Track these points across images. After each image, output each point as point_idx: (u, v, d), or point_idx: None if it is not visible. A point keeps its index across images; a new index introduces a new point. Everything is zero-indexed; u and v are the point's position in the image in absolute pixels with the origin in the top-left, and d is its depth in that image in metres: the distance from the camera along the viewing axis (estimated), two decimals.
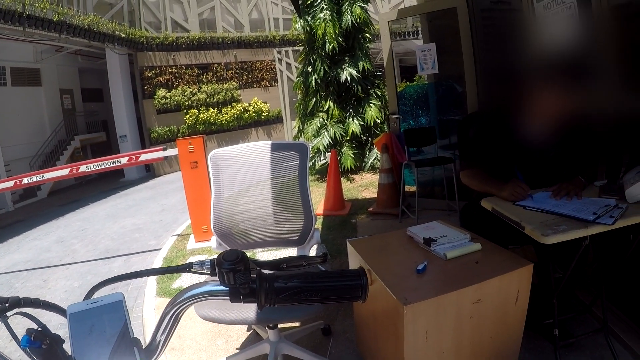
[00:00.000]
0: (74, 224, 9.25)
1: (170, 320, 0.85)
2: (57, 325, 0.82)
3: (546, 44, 3.09)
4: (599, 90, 2.67)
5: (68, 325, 0.78)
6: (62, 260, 6.30)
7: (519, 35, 3.59)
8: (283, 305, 0.80)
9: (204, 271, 0.90)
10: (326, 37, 8.35)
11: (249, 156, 2.37)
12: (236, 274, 0.77)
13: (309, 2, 8.60)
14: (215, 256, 0.84)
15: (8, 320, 0.89)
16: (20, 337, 0.83)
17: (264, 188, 2.36)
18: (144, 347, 0.83)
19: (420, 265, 1.93)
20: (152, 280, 4.36)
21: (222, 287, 0.81)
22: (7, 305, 0.87)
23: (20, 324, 0.85)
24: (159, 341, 0.85)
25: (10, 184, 5.70)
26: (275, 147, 2.35)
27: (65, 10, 13.47)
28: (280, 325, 2.52)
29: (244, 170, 2.36)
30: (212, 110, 18.77)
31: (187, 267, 0.91)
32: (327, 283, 0.82)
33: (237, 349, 2.93)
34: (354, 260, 2.30)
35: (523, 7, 3.42)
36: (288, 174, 2.33)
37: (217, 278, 0.82)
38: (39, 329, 0.82)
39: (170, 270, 0.96)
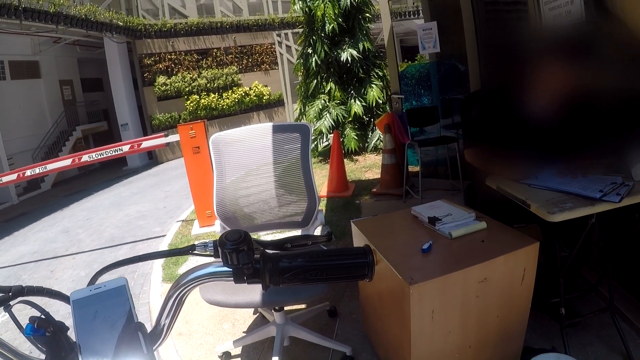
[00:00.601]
0: (78, 214, 9.28)
1: (174, 303, 0.84)
2: (66, 314, 0.82)
3: (550, 20, 3.04)
4: (603, 68, 2.63)
5: (72, 311, 0.78)
6: (68, 250, 6.34)
7: (522, 11, 3.54)
8: (288, 285, 0.78)
9: (207, 253, 0.88)
10: (326, 18, 8.29)
11: (251, 139, 2.35)
12: (239, 254, 0.75)
13: None
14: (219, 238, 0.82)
15: (12, 310, 0.88)
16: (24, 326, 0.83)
17: (266, 171, 2.35)
18: (148, 332, 0.82)
19: (425, 244, 1.92)
20: (157, 266, 4.37)
21: (225, 268, 0.80)
22: (10, 294, 0.86)
23: (31, 313, 0.84)
24: (164, 325, 0.85)
25: (14, 176, 5.71)
26: (277, 129, 2.33)
27: (62, 1, 13.34)
28: (286, 308, 2.52)
29: (246, 154, 2.35)
30: (212, 95, 18.66)
31: (190, 249, 0.89)
32: (333, 262, 0.80)
33: (243, 332, 2.95)
34: (359, 241, 2.30)
35: None
36: (290, 155, 2.31)
37: (220, 260, 0.80)
38: (42, 316, 0.82)
39: (173, 253, 0.94)
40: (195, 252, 0.89)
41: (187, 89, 18.11)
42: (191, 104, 18.06)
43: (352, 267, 0.80)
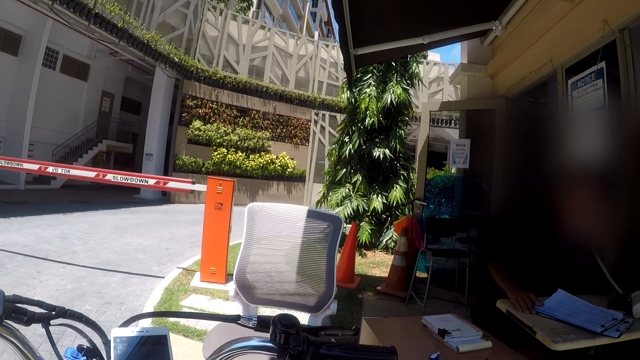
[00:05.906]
0: (80, 224, 9.28)
1: None
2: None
3: (578, 150, 3.20)
4: (628, 202, 2.76)
5: (112, 346, 0.83)
6: (60, 257, 6.26)
7: (552, 140, 3.70)
8: None
9: (250, 325, 0.95)
10: (368, 112, 8.61)
11: (284, 216, 2.42)
12: (289, 337, 0.84)
13: (359, 75, 8.91)
14: (259, 314, 0.92)
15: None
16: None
17: (292, 250, 2.40)
18: None
19: (434, 354, 1.95)
20: (149, 307, 4.28)
21: (268, 344, 0.87)
22: (53, 313, 0.90)
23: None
24: None
25: (35, 167, 5.87)
26: (312, 215, 2.41)
27: (131, 20, 14.08)
28: None
29: (277, 230, 2.41)
30: (240, 153, 19.08)
31: (235, 319, 0.96)
32: (365, 356, 0.87)
33: None
34: (368, 338, 2.31)
35: (559, 106, 3.57)
36: (318, 242, 2.37)
37: (260, 334, 0.90)
38: (89, 347, 0.85)
39: (218, 317, 1.01)
40: (239, 322, 0.95)
41: (218, 140, 18.55)
42: (218, 156, 18.43)
43: None
